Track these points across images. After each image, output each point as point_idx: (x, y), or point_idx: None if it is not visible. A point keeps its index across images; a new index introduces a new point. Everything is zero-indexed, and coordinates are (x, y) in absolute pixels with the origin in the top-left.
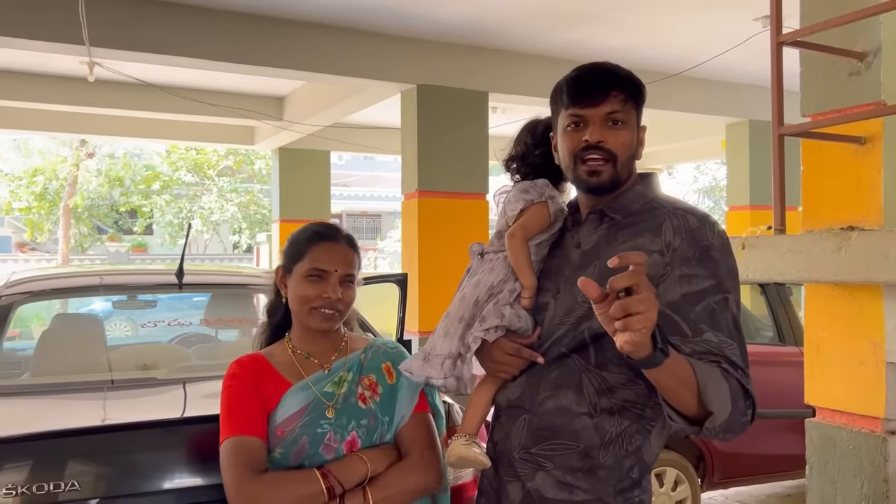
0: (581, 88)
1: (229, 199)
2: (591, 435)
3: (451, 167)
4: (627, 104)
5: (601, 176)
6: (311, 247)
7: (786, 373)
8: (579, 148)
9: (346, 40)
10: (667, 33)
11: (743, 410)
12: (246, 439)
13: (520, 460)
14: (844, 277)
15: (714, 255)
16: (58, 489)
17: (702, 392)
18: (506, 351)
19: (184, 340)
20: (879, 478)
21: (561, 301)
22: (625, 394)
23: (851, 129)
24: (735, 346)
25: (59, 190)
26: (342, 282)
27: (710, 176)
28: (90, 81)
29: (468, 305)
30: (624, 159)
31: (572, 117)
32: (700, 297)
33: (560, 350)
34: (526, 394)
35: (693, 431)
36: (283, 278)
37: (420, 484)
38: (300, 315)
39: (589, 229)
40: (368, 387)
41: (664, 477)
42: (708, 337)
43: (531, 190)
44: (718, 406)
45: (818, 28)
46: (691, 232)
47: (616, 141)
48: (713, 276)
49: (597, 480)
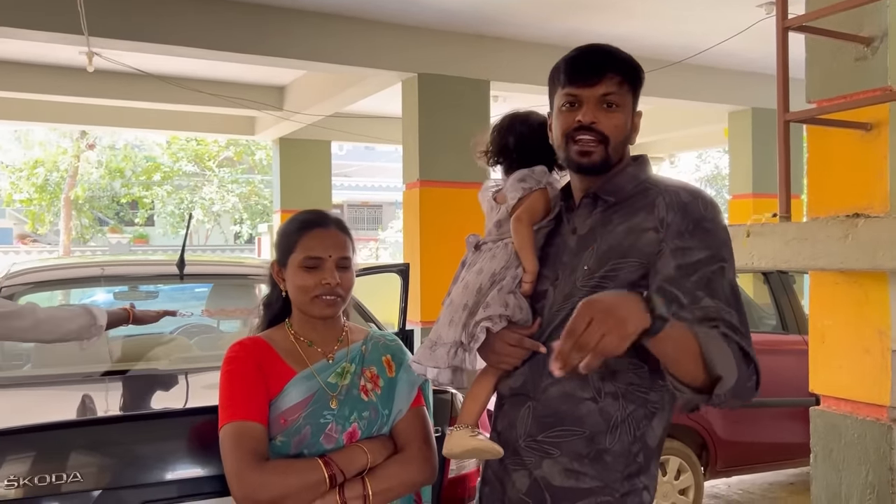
0: (577, 68)
1: (230, 190)
2: (597, 420)
3: (453, 156)
4: (623, 87)
5: (592, 156)
6: (302, 236)
7: (789, 361)
8: (572, 128)
9: (347, 29)
10: (668, 21)
11: (747, 375)
12: (248, 425)
13: (525, 448)
14: (850, 265)
15: (707, 227)
16: (60, 480)
17: (706, 357)
18: (508, 342)
19: (186, 331)
20: (885, 466)
21: (560, 288)
22: (628, 377)
23: (857, 115)
24: (733, 312)
25: (59, 181)
26: (338, 266)
27: (713, 164)
28: (90, 72)
29: (472, 293)
30: (616, 142)
31: (567, 97)
32: (696, 268)
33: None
34: (529, 381)
35: (702, 400)
36: (279, 273)
37: (417, 478)
38: (302, 305)
39: (584, 214)
40: (370, 379)
41: (667, 466)
42: (706, 304)
43: (528, 178)
44: (725, 369)
45: (824, 13)
46: (683, 206)
47: (609, 123)
48: (707, 247)
49: (604, 466)
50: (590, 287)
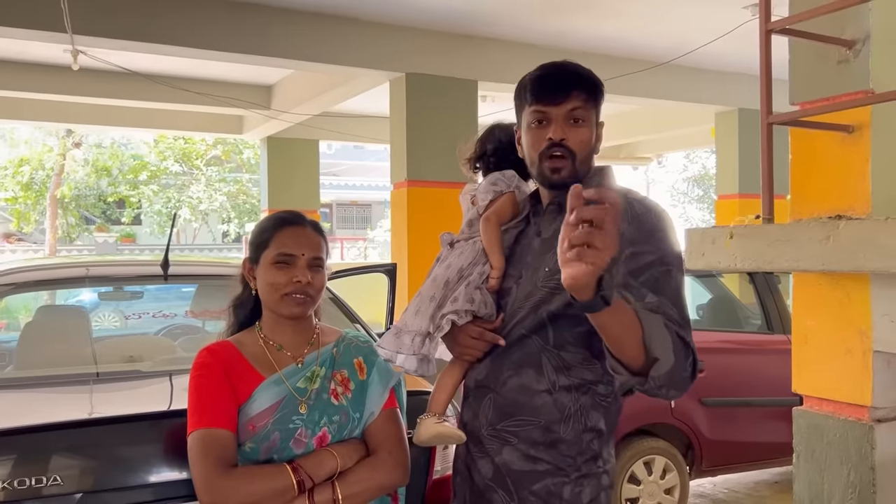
0: (546, 87)
1: (218, 189)
2: (551, 410)
3: (441, 156)
4: (588, 103)
5: (562, 173)
6: (277, 233)
7: (773, 361)
8: (544, 146)
9: (335, 28)
10: (656, 22)
11: (683, 364)
12: (216, 432)
13: (488, 437)
14: (832, 266)
15: (658, 235)
16: (40, 484)
17: (646, 337)
18: (470, 335)
19: (170, 332)
20: (866, 465)
21: (522, 286)
22: (582, 372)
23: (840, 117)
24: (675, 310)
25: (45, 180)
26: (311, 266)
27: (700, 164)
28: (74, 70)
29: (439, 286)
30: (583, 156)
31: (536, 114)
32: (644, 270)
33: (521, 332)
34: (491, 374)
35: (637, 383)
36: (250, 270)
37: (388, 481)
38: (271, 303)
39: (549, 219)
40: (341, 382)
41: (653, 465)
42: (650, 299)
43: (499, 181)
44: (662, 353)
45: (807, 15)
46: (637, 218)
47: (576, 138)
48: (656, 251)
49: (558, 452)
50: (549, 288)
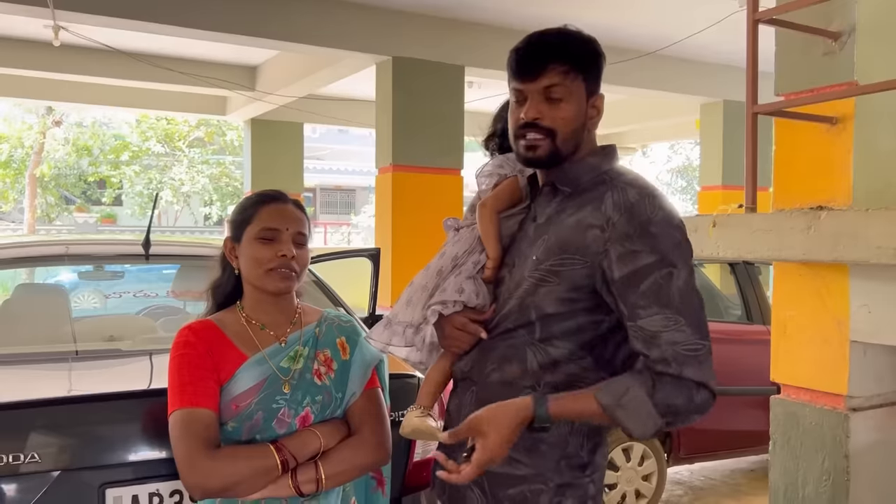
0: (520, 62)
1: (200, 171)
2: None
3: (426, 142)
4: (569, 76)
5: (537, 151)
6: (259, 209)
7: (753, 351)
8: (518, 126)
9: (321, 9)
10: (643, 11)
11: (686, 404)
12: (199, 412)
13: None
14: (812, 256)
15: (653, 231)
16: (17, 461)
17: (612, 418)
18: (455, 326)
19: (152, 312)
20: (840, 453)
21: (514, 275)
22: (569, 368)
23: (824, 108)
24: (683, 323)
25: (24, 158)
26: (295, 242)
27: (684, 156)
28: (56, 46)
29: (431, 275)
30: (565, 133)
31: (514, 92)
32: (644, 275)
33: (507, 325)
34: (476, 366)
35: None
36: (232, 250)
37: (370, 460)
38: (256, 279)
39: (544, 203)
40: (324, 362)
41: (631, 452)
42: (643, 323)
43: (505, 164)
44: (635, 425)
45: (795, 6)
46: (630, 207)
47: (555, 115)
48: (655, 251)
49: (539, 455)
50: (535, 278)
